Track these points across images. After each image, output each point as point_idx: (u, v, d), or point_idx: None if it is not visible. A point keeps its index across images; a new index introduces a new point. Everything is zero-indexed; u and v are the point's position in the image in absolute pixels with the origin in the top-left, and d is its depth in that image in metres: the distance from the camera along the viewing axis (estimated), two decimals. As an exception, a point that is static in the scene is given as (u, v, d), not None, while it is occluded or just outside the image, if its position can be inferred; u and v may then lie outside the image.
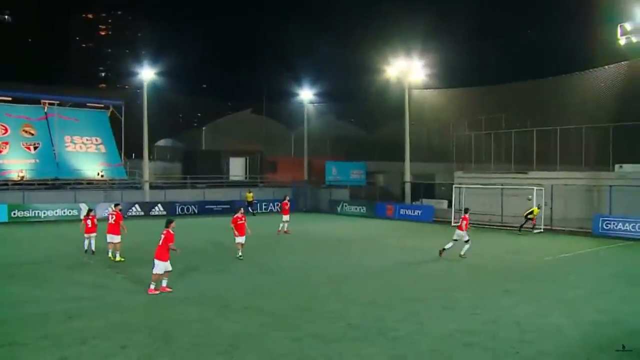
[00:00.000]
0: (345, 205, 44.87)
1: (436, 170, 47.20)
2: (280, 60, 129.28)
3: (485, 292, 15.54)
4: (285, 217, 30.37)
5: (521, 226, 31.40)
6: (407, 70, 42.19)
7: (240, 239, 21.19)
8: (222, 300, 14.29)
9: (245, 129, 60.10)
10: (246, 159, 53.92)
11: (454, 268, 19.74)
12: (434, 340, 10.97)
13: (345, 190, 48.34)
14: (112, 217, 20.86)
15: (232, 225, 21.48)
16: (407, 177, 43.66)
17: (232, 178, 52.08)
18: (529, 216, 30.93)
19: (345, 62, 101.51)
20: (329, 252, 23.75)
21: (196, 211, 42.56)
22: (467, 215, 21.90)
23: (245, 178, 52.80)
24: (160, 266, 14.69)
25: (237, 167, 53.44)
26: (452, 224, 34.97)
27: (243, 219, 21.61)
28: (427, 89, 45.33)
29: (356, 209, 44.11)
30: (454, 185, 37.44)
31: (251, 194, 43.90)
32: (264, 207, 45.06)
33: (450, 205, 37.95)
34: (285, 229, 30.07)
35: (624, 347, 8.94)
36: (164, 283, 14.97)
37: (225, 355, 9.99)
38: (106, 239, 20.57)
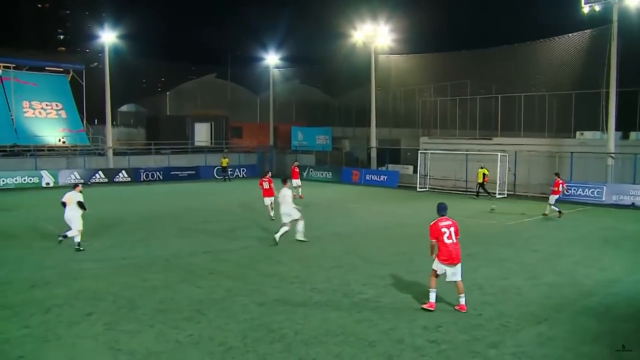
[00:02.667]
0: (311, 171, 44.86)
1: (402, 136, 47.45)
2: (246, 24, 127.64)
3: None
4: (296, 182, 30.44)
5: (477, 193, 31.86)
6: (374, 35, 41.95)
7: (268, 200, 22.47)
8: (186, 266, 14.27)
9: (210, 94, 59.53)
10: (211, 125, 53.33)
11: (418, 233, 19.94)
12: (396, 303, 11.16)
13: (311, 155, 48.30)
14: None
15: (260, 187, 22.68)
16: (373, 142, 43.77)
17: (196, 144, 51.57)
18: (480, 182, 31.35)
19: (312, 27, 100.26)
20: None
21: (161, 177, 42.17)
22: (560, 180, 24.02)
23: (211, 144, 52.31)
24: None
25: (201, 133, 52.86)
26: (418, 189, 35.47)
27: (269, 181, 22.59)
28: (393, 54, 45.16)
29: (322, 174, 44.17)
30: (419, 151, 37.72)
31: (226, 160, 43.71)
32: (230, 173, 44.62)
33: (415, 171, 38.29)
34: (300, 194, 29.94)
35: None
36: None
37: (192, 321, 10.01)
38: None
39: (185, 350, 8.76)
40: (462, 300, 10.56)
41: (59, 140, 44.41)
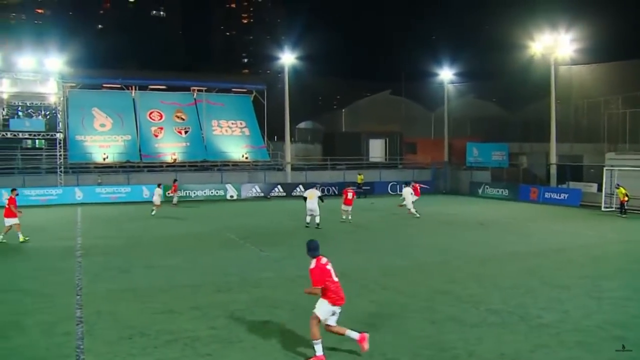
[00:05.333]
0: (487, 188, 43.58)
1: (584, 151, 44.42)
2: (420, 40, 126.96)
3: (638, 284, 14.52)
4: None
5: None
6: (554, 45, 39.90)
7: (344, 207, 25.90)
8: (360, 280, 14.43)
9: (385, 110, 60.09)
10: (385, 141, 53.92)
11: (603, 255, 18.61)
12: (579, 331, 10.40)
13: (487, 172, 46.93)
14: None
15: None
16: (553, 158, 41.46)
17: (371, 159, 52.39)
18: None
19: (487, 40, 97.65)
20: (468, 235, 23.17)
21: (336, 192, 43.24)
22: None
23: (385, 159, 52.87)
24: None
25: (376, 149, 53.64)
26: (603, 208, 33.00)
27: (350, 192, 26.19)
28: (575, 64, 42.65)
29: (498, 191, 42.71)
30: (604, 168, 35.05)
31: (361, 176, 44.02)
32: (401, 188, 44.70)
33: (600, 189, 35.62)
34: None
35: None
36: None
37: None
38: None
39: (357, 362, 8.77)
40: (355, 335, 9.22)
41: (242, 156, 47.51)
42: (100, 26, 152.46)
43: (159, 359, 9.01)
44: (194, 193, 39.94)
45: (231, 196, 41.01)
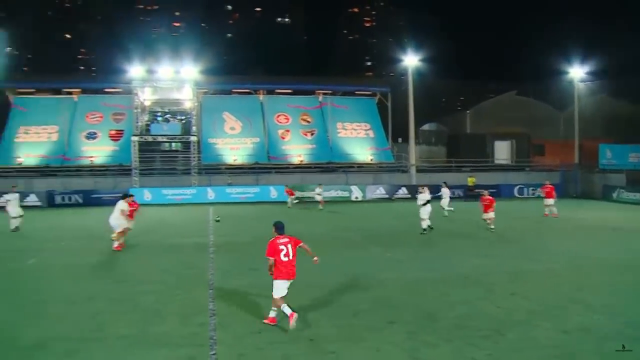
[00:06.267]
0: (622, 192, 40.80)
1: None
2: (547, 38, 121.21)
3: None
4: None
5: None
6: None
7: (486, 215, 23.65)
8: (486, 284, 14.06)
9: (510, 111, 58.03)
10: (512, 142, 52.17)
11: None
12: None
13: (621, 175, 43.97)
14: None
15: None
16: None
17: (497, 162, 50.87)
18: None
19: (621, 34, 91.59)
20: (602, 241, 21.78)
21: (461, 194, 42.36)
22: None
23: (511, 162, 51.14)
24: None
25: (502, 151, 52.06)
26: None
27: (487, 200, 23.82)
28: None
29: (634, 195, 39.81)
30: None
31: (472, 179, 42.50)
32: (529, 192, 43.17)
33: None
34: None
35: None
36: None
37: (490, 340, 9.82)
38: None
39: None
40: (272, 314, 10.71)
41: (367, 158, 47.81)
42: (229, 35, 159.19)
43: (285, 354, 9.22)
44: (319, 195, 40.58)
45: (356, 197, 41.42)
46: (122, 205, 19.73)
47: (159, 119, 45.85)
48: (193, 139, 43.24)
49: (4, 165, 42.76)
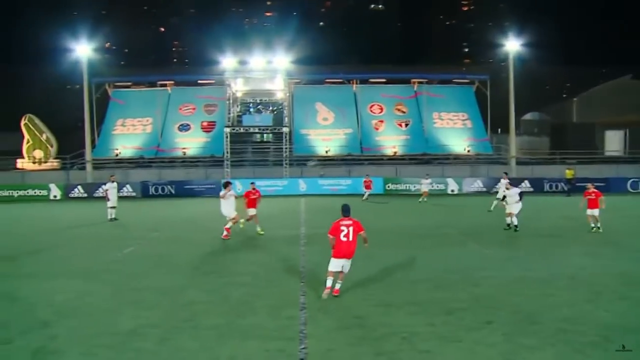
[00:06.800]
0: None
1: None
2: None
3: None
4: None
5: None
6: None
7: (591, 212, 20.99)
8: (593, 285, 13.02)
9: (624, 97, 54.24)
10: (625, 132, 48.72)
11: None
12: None
13: None
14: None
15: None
16: None
17: (607, 153, 47.72)
18: None
19: None
20: None
21: (565, 189, 39.90)
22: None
23: (624, 153, 47.78)
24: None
25: (614, 141, 48.79)
26: None
27: (593, 194, 21.01)
28: None
29: None
30: None
31: (571, 171, 39.54)
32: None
33: None
34: None
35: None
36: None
37: (598, 347, 9.02)
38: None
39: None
40: (338, 286, 11.85)
41: (465, 149, 46.11)
42: (321, 23, 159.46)
43: (377, 352, 8.95)
44: (414, 187, 39.51)
45: (452, 190, 40.02)
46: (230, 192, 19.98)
47: (251, 110, 46.35)
48: (285, 130, 43.31)
49: (102, 157, 44.50)
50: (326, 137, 46.95)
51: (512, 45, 43.51)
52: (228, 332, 9.91)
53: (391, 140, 46.82)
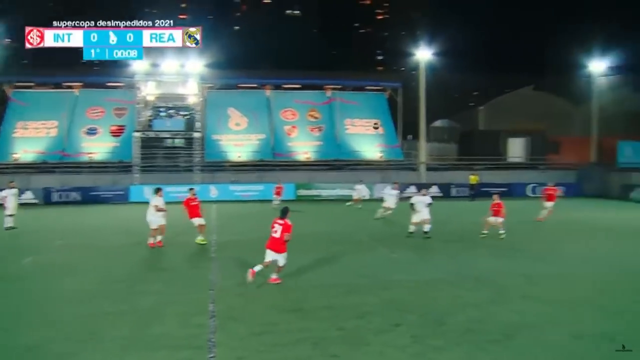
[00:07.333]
0: (641, 191, 39.58)
1: None
2: (567, 29, 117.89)
3: None
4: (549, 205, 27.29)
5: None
6: None
7: (494, 219, 21.52)
8: (498, 287, 13.57)
9: (527, 106, 56.78)
10: (527, 140, 51.06)
11: None
12: None
13: (641, 174, 42.72)
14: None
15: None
16: None
17: (510, 160, 49.87)
18: None
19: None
20: (620, 244, 20.97)
21: (473, 193, 41.36)
22: None
23: (526, 160, 50.08)
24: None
25: (516, 148, 50.99)
26: None
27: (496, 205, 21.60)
28: None
29: (655, 195, 38.71)
30: None
31: (475, 177, 41.21)
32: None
33: None
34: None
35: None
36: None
37: (499, 345, 9.49)
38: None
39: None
40: (274, 275, 13.67)
41: (377, 155, 46.94)
42: (236, 27, 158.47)
43: (287, 357, 9.00)
44: (326, 192, 39.86)
45: (363, 196, 40.42)
46: (155, 201, 19.16)
47: (162, 114, 45.23)
48: (196, 135, 42.65)
49: (0, 161, 42.15)
50: (238, 142, 46.43)
51: (423, 54, 44.63)
52: (134, 343, 9.62)
53: (304, 146, 46.91)
